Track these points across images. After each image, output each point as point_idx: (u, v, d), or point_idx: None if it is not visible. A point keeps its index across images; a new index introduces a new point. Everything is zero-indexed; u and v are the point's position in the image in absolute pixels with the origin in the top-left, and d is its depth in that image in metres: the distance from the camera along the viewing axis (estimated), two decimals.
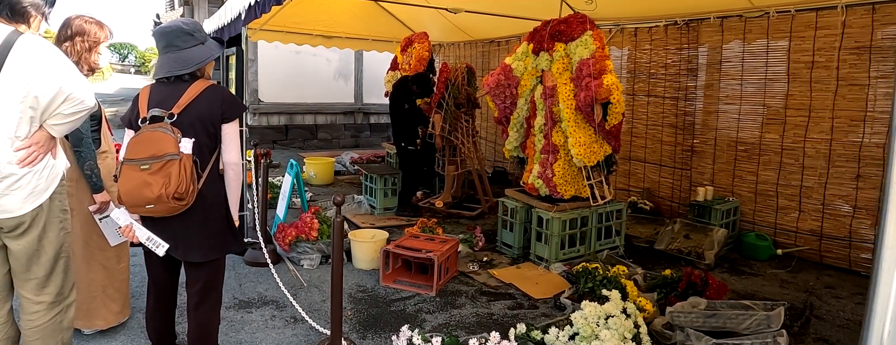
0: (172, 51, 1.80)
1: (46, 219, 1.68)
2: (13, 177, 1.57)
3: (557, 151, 3.40)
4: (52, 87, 1.55)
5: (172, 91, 1.79)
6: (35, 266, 1.70)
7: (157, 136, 1.69)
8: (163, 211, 1.71)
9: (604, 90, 3.14)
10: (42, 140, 1.63)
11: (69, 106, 1.59)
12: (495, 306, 2.87)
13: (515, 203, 3.55)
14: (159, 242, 1.79)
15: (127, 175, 1.69)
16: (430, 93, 4.37)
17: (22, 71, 1.52)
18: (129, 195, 1.68)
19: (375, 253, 3.30)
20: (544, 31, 3.46)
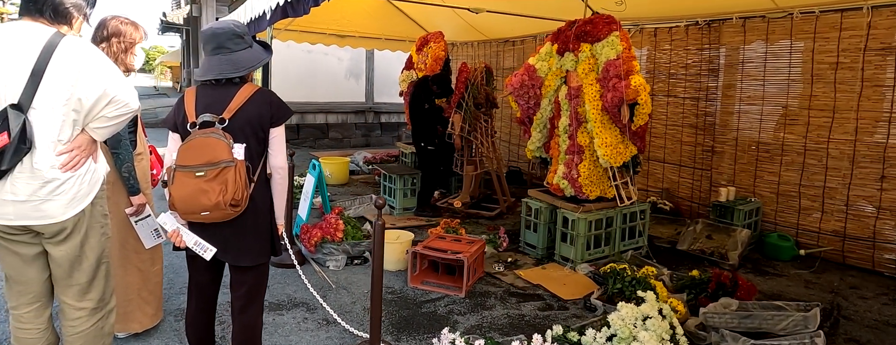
0: (223, 53, 1.75)
1: (88, 224, 1.65)
2: (55, 182, 1.54)
3: (582, 152, 3.38)
4: (97, 89, 1.52)
5: (221, 95, 1.74)
6: (77, 272, 1.67)
7: (211, 142, 1.64)
8: (217, 217, 1.67)
9: (632, 91, 3.11)
10: (84, 144, 1.60)
11: (113, 109, 1.56)
12: (525, 307, 2.85)
13: (540, 204, 3.52)
14: (207, 247, 1.76)
15: (182, 182, 1.64)
16: (450, 93, 4.33)
17: (66, 73, 1.49)
18: (184, 202, 1.63)
19: (401, 254, 3.27)
20: (569, 32, 3.43)
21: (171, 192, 1.65)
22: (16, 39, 1.50)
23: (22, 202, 1.52)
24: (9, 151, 1.45)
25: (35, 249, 1.63)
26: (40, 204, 1.54)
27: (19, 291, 1.67)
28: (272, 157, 1.81)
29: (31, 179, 1.52)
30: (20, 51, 1.48)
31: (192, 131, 1.69)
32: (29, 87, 1.48)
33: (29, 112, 1.48)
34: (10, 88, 1.48)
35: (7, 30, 1.52)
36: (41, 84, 1.48)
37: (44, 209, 1.54)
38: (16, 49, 1.48)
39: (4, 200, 1.52)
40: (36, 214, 1.54)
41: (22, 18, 1.56)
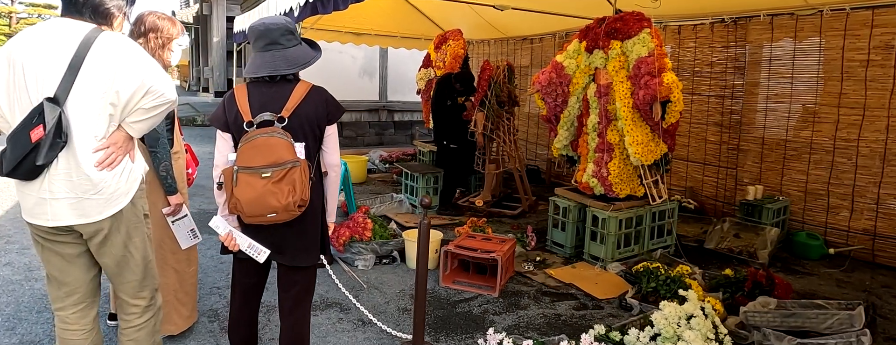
0: (276, 49, 1.68)
1: (127, 224, 1.60)
2: (92, 180, 1.49)
3: (612, 150, 3.31)
4: (134, 80, 1.48)
5: (276, 93, 1.67)
6: (126, 271, 1.65)
7: (274, 142, 1.58)
8: (283, 219, 1.62)
9: (664, 88, 3.05)
10: (120, 141, 1.54)
11: (150, 100, 1.50)
12: (560, 306, 2.80)
13: (568, 202, 3.46)
14: (261, 249, 1.70)
15: (249, 184, 1.56)
16: (473, 91, 4.26)
17: (103, 66, 1.46)
18: (252, 205, 1.56)
19: (431, 253, 3.20)
20: (599, 29, 3.36)
21: (235, 195, 1.58)
22: (54, 35, 1.48)
23: (58, 201, 1.48)
24: (44, 145, 1.41)
25: (78, 249, 1.59)
26: (77, 203, 1.49)
27: (65, 292, 1.63)
28: (328, 155, 1.78)
29: (68, 176, 1.47)
30: (58, 45, 1.46)
31: (250, 131, 1.61)
32: (66, 80, 1.44)
33: (65, 105, 1.45)
34: (46, 81, 1.45)
35: (47, 26, 1.50)
36: (78, 77, 1.45)
37: (81, 208, 1.50)
38: (54, 44, 1.46)
39: (42, 198, 1.48)
40: (73, 213, 1.50)
41: (63, 17, 1.54)
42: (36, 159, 1.41)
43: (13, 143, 1.43)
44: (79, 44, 1.45)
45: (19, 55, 1.46)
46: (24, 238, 3.52)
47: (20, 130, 1.42)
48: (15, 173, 1.45)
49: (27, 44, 1.47)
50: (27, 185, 1.49)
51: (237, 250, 1.71)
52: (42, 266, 3.00)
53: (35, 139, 1.39)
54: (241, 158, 1.59)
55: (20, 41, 1.49)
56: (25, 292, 2.71)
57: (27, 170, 1.43)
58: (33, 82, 1.44)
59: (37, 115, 1.41)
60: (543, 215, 4.44)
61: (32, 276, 2.91)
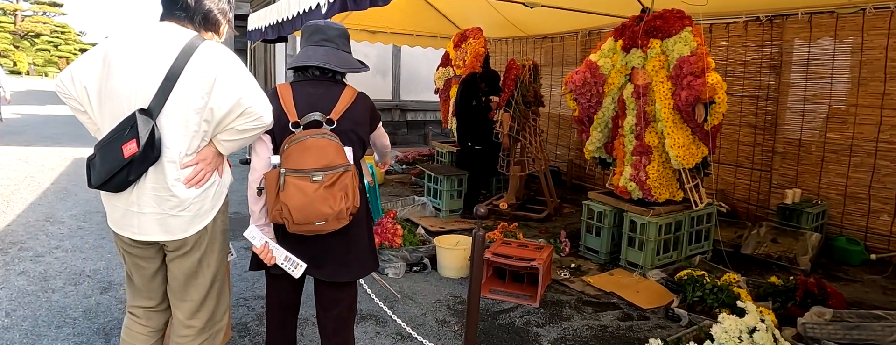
0: (330, 46, 1.61)
1: (209, 240, 1.52)
2: (180, 197, 1.42)
3: (651, 153, 3.16)
4: (231, 98, 1.37)
5: (324, 94, 1.57)
6: (191, 288, 1.55)
7: (326, 144, 1.47)
8: (331, 228, 1.50)
9: (709, 89, 2.90)
10: (210, 157, 1.46)
11: (245, 121, 1.40)
12: (604, 317, 2.65)
13: (603, 206, 3.31)
14: (297, 262, 1.57)
15: (298, 188, 1.44)
16: (499, 91, 4.09)
17: (201, 79, 1.37)
18: (302, 211, 1.44)
19: (462, 260, 3.06)
20: (637, 27, 3.20)
21: (282, 200, 1.45)
22: (154, 40, 1.39)
23: (145, 215, 1.42)
24: (137, 161, 1.34)
25: (157, 264, 1.55)
26: (164, 219, 1.43)
27: (142, 296, 1.60)
28: (378, 146, 1.74)
29: (155, 191, 1.41)
30: (157, 53, 1.37)
31: (297, 132, 1.50)
32: (161, 91, 1.36)
33: (158, 118, 1.37)
34: (141, 92, 1.36)
35: (147, 31, 1.42)
36: (174, 89, 1.36)
37: (167, 225, 1.44)
38: (152, 50, 1.37)
39: (130, 211, 1.43)
40: (159, 228, 1.44)
41: (164, 21, 1.46)
42: (128, 175, 1.36)
43: (103, 155, 1.37)
44: (179, 52, 1.36)
45: (116, 58, 1.38)
46: (37, 245, 3.34)
47: (112, 141, 1.35)
48: (105, 187, 1.39)
49: (125, 47, 1.39)
50: (115, 196, 1.43)
51: (271, 265, 1.58)
52: (59, 275, 2.87)
53: (127, 155, 1.32)
54: (288, 161, 1.46)
55: (119, 43, 1.40)
56: (42, 304, 2.54)
57: (118, 184, 1.38)
58: (127, 89, 1.36)
59: (129, 127, 1.33)
60: (569, 219, 4.29)
61: (49, 287, 2.73)
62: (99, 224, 3.79)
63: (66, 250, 3.25)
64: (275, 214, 1.48)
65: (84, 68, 1.40)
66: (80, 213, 4.06)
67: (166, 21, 1.45)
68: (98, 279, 2.84)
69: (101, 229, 3.67)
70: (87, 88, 1.40)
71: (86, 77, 1.40)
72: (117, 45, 1.40)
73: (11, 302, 2.54)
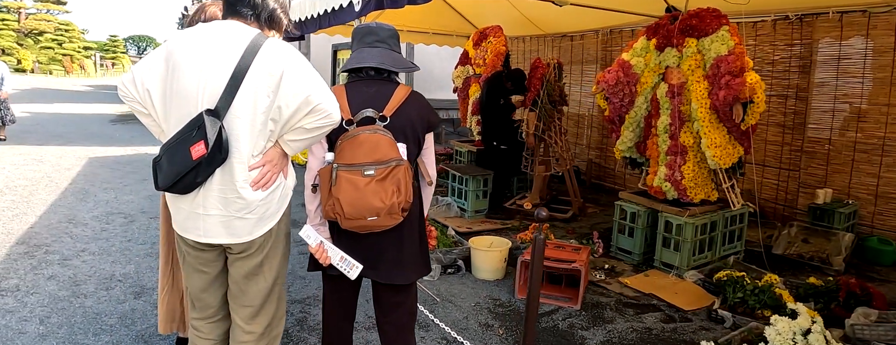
0: (383, 47, 1.60)
1: (272, 244, 1.47)
2: (246, 200, 1.37)
3: (686, 153, 3.08)
4: (299, 96, 1.32)
5: (377, 93, 1.56)
6: (252, 292, 1.50)
7: (378, 138, 1.45)
8: (385, 224, 1.47)
9: (748, 89, 2.82)
10: (276, 158, 1.41)
11: (314, 119, 1.34)
12: (647, 319, 2.58)
13: (637, 207, 3.23)
14: (353, 263, 1.53)
15: (349, 182, 1.42)
16: (524, 90, 4.00)
17: (268, 78, 1.32)
18: (353, 205, 1.42)
19: (498, 262, 2.97)
20: (671, 26, 3.11)
21: (334, 194, 1.43)
22: (218, 39, 1.34)
23: (211, 217, 1.38)
24: (205, 162, 1.30)
25: (219, 267, 1.50)
26: (230, 221, 1.38)
27: (200, 306, 1.56)
28: (427, 164, 1.65)
29: (222, 193, 1.36)
30: (222, 51, 1.32)
31: (351, 128, 1.49)
32: (228, 91, 1.31)
33: (225, 118, 1.32)
34: (207, 92, 1.32)
35: (210, 29, 1.37)
36: (241, 88, 1.31)
37: (232, 227, 1.39)
38: (217, 49, 1.33)
39: (195, 213, 1.39)
40: (224, 231, 1.39)
41: (228, 19, 1.41)
42: (195, 177, 1.32)
43: (171, 157, 1.32)
44: (244, 51, 1.31)
45: (181, 59, 1.33)
46: (63, 248, 3.23)
47: (179, 143, 1.31)
48: (172, 189, 1.35)
49: (189, 47, 1.34)
50: (180, 198, 1.39)
51: (327, 265, 1.54)
52: (89, 279, 2.76)
53: (196, 157, 1.29)
54: (341, 156, 1.46)
55: (181, 42, 1.35)
56: (76, 310, 2.44)
57: (185, 186, 1.34)
58: (194, 90, 1.32)
59: (196, 128, 1.29)
60: (595, 218, 4.22)
61: (80, 292, 2.63)
62: (122, 226, 3.68)
63: (93, 253, 3.15)
64: (328, 210, 1.46)
65: (146, 70, 1.36)
66: (102, 214, 3.95)
67: (230, 19, 1.40)
68: (130, 284, 2.74)
69: (125, 232, 3.56)
70: (151, 91, 1.35)
71: (148, 79, 1.35)
72: (181, 45, 1.34)
73: (44, 308, 2.44)
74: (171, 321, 2.02)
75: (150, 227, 3.68)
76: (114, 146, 6.95)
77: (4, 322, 2.29)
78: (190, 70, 1.31)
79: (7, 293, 2.57)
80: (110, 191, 4.64)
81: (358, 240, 1.53)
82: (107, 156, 6.28)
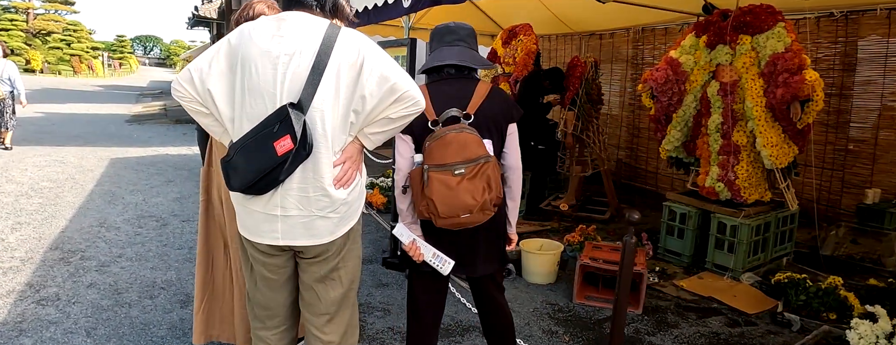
0: (462, 45, 1.58)
1: (350, 244, 1.40)
2: (328, 199, 1.29)
3: (739, 152, 2.93)
4: (383, 84, 1.24)
5: (458, 91, 1.54)
6: (327, 299, 1.41)
7: (465, 137, 1.44)
8: (478, 220, 1.46)
9: (807, 86, 2.67)
10: (354, 154, 1.33)
11: (400, 107, 1.27)
12: (711, 323, 2.44)
13: (687, 208, 3.08)
14: (445, 260, 1.52)
15: (442, 182, 1.41)
16: (562, 89, 3.83)
17: (349, 68, 1.24)
18: (447, 204, 1.41)
19: (552, 265, 2.82)
20: (723, 23, 2.95)
21: (427, 195, 1.42)
22: (291, 31, 1.25)
23: (290, 218, 1.28)
24: (291, 159, 1.20)
25: (288, 272, 1.41)
26: (311, 221, 1.29)
27: (267, 315, 1.45)
28: (509, 156, 1.60)
29: (303, 192, 1.27)
30: (298, 43, 1.24)
31: (437, 129, 1.47)
32: (310, 84, 1.22)
33: (308, 112, 1.23)
34: (287, 85, 1.23)
35: (278, 22, 1.27)
36: (322, 80, 1.22)
37: (313, 228, 1.30)
38: (293, 42, 1.24)
39: (271, 215, 1.28)
40: (304, 232, 1.30)
41: (290, 10, 1.31)
42: (279, 175, 1.22)
43: (249, 155, 1.22)
44: (321, 41, 1.24)
45: (252, 52, 1.23)
46: (99, 253, 3.05)
47: (259, 139, 1.20)
48: (251, 189, 1.25)
49: (260, 40, 1.24)
50: (252, 199, 1.28)
51: (420, 262, 1.53)
52: (131, 287, 2.58)
53: (281, 152, 1.19)
54: (430, 157, 1.45)
55: (249, 37, 1.25)
56: (123, 321, 2.27)
57: (266, 185, 1.24)
58: (271, 83, 1.23)
59: (278, 123, 1.19)
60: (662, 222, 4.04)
61: (123, 300, 2.46)
62: (155, 230, 3.50)
63: (131, 259, 2.97)
64: (422, 210, 1.45)
65: (207, 69, 1.27)
66: (133, 218, 3.76)
67: (294, 10, 1.30)
68: (173, 292, 2.57)
69: (159, 236, 3.38)
70: (213, 90, 1.26)
71: (210, 78, 1.26)
72: (249, 40, 1.25)
73: (89, 319, 2.27)
74: (209, 330, 1.92)
75: (184, 231, 3.50)
76: (133, 147, 6.75)
77: (50, 335, 2.12)
78: (265, 64, 1.22)
79: (48, 303, 2.40)
80: (137, 193, 4.45)
81: (450, 237, 1.52)
82: (128, 157, 6.09)
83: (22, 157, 5.74)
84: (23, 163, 5.44)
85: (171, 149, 6.75)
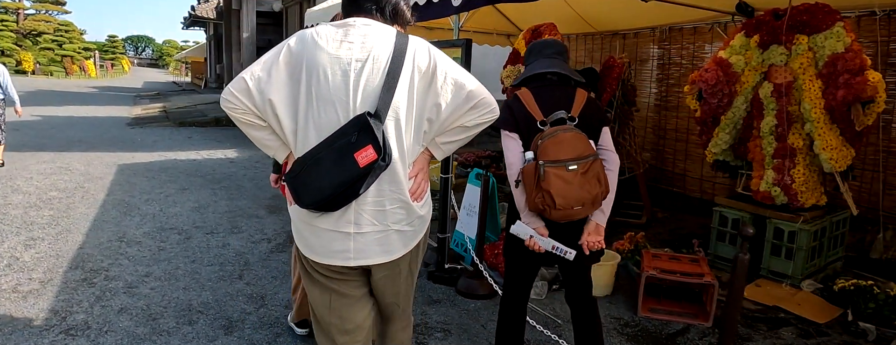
0: (560, 59, 1.71)
1: (421, 249, 1.37)
2: (404, 211, 1.23)
3: (795, 155, 2.76)
4: (458, 92, 1.21)
5: (560, 96, 1.64)
6: (403, 299, 1.41)
7: (575, 136, 1.52)
8: (587, 212, 1.55)
9: (870, 87, 2.51)
10: (425, 166, 1.29)
11: (477, 115, 1.24)
12: (784, 334, 2.30)
13: (740, 213, 2.90)
14: (566, 249, 1.59)
15: (558, 176, 1.48)
16: (597, 90, 3.61)
17: (420, 76, 1.19)
18: (564, 197, 1.48)
19: (610, 277, 2.63)
20: (776, 22, 2.77)
21: (544, 188, 1.48)
22: (361, 38, 1.18)
23: (364, 235, 1.20)
24: (374, 170, 1.14)
25: (364, 289, 1.34)
26: (386, 236, 1.22)
27: (346, 339, 1.34)
28: (604, 143, 1.68)
29: (378, 205, 1.20)
30: (370, 51, 1.17)
31: (547, 128, 1.56)
32: (385, 92, 1.15)
33: (385, 121, 1.16)
34: (361, 94, 1.15)
35: (346, 28, 1.20)
36: (397, 89, 1.16)
37: (387, 243, 1.23)
38: (364, 49, 1.17)
39: (342, 232, 1.19)
40: (378, 249, 1.23)
41: (355, 16, 1.23)
42: (360, 188, 1.14)
43: (324, 168, 1.12)
44: (393, 49, 1.17)
45: (320, 58, 1.15)
46: (123, 272, 2.76)
47: (335, 151, 1.11)
48: (326, 205, 1.15)
49: (326, 45, 1.16)
50: (321, 217, 1.18)
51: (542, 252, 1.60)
52: (165, 312, 2.32)
53: (364, 164, 1.11)
54: (545, 154, 1.51)
55: (314, 42, 1.17)
56: None
57: (343, 199, 1.15)
58: (344, 92, 1.15)
59: (356, 132, 1.11)
60: (669, 224, 3.88)
61: (160, 328, 2.20)
62: (180, 244, 3.22)
63: (159, 279, 2.69)
64: (536, 202, 1.50)
65: (266, 78, 1.16)
66: (154, 231, 3.46)
67: (355, 16, 1.23)
68: (213, 316, 2.31)
69: (185, 251, 3.10)
70: (274, 100, 1.15)
71: (270, 87, 1.15)
72: (313, 46, 1.16)
73: None
74: None
75: (211, 245, 3.22)
76: (140, 152, 6.38)
77: None
78: (335, 71, 1.15)
79: (78, 333, 2.13)
80: (153, 203, 4.13)
81: (558, 230, 1.59)
82: (136, 162, 5.73)
83: (25, 164, 5.35)
84: (27, 171, 5.07)
85: (180, 153, 6.40)
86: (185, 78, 28.88)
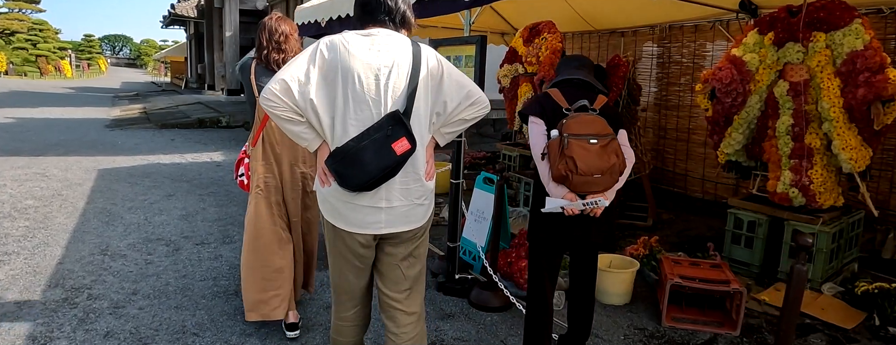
0: (585, 71, 1.91)
1: (427, 227, 1.56)
2: (422, 188, 1.47)
3: (812, 156, 2.67)
4: (460, 90, 1.46)
5: (585, 94, 1.82)
6: (411, 275, 1.55)
7: (594, 118, 1.71)
8: (606, 183, 1.67)
9: (891, 85, 2.43)
10: (432, 151, 1.53)
11: (473, 110, 1.50)
12: (813, 341, 2.21)
13: (757, 215, 2.81)
14: (596, 199, 1.67)
15: (581, 147, 1.64)
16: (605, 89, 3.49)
17: (432, 78, 1.43)
18: (585, 162, 1.63)
19: (629, 285, 2.50)
20: (792, 19, 2.68)
21: (567, 154, 1.63)
22: (387, 46, 1.40)
23: (394, 208, 1.44)
24: (408, 158, 1.37)
25: (371, 261, 1.55)
26: (411, 209, 1.46)
27: (347, 298, 1.59)
28: (626, 148, 1.79)
29: (404, 185, 1.43)
30: (395, 57, 1.39)
31: (570, 113, 1.73)
32: (409, 91, 1.38)
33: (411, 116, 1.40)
34: (390, 94, 1.37)
35: (373, 37, 1.41)
36: (418, 88, 1.39)
37: (412, 215, 1.47)
38: (391, 55, 1.38)
39: (376, 208, 1.42)
40: (405, 220, 1.46)
41: (371, 26, 1.44)
42: (394, 172, 1.37)
43: (365, 157, 1.33)
44: (412, 55, 1.40)
45: (354, 64, 1.36)
46: (108, 290, 2.52)
47: (375, 142, 1.32)
48: (365, 186, 1.36)
49: (359, 53, 1.37)
50: (358, 196, 1.41)
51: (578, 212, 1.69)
52: (157, 336, 2.09)
53: (401, 152, 1.35)
54: (569, 128, 1.67)
55: (346, 50, 1.36)
56: None
57: (382, 181, 1.37)
58: (378, 93, 1.36)
59: (390, 127, 1.34)
60: (676, 225, 3.79)
61: None
62: (168, 257, 2.97)
63: (148, 297, 2.46)
64: (560, 169, 1.64)
65: (306, 80, 1.35)
66: (139, 242, 3.20)
67: (375, 27, 1.43)
68: (210, 339, 2.10)
69: (174, 265, 2.86)
70: (315, 100, 1.35)
71: (311, 88, 1.35)
72: (346, 53, 1.35)
73: None
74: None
75: (202, 257, 2.98)
76: (121, 155, 6.03)
77: None
78: (368, 75, 1.35)
79: None
80: (137, 211, 3.85)
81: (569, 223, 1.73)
82: (117, 167, 5.39)
83: None
84: (0, 177, 4.71)
85: (163, 157, 6.07)
86: (165, 78, 27.92)
